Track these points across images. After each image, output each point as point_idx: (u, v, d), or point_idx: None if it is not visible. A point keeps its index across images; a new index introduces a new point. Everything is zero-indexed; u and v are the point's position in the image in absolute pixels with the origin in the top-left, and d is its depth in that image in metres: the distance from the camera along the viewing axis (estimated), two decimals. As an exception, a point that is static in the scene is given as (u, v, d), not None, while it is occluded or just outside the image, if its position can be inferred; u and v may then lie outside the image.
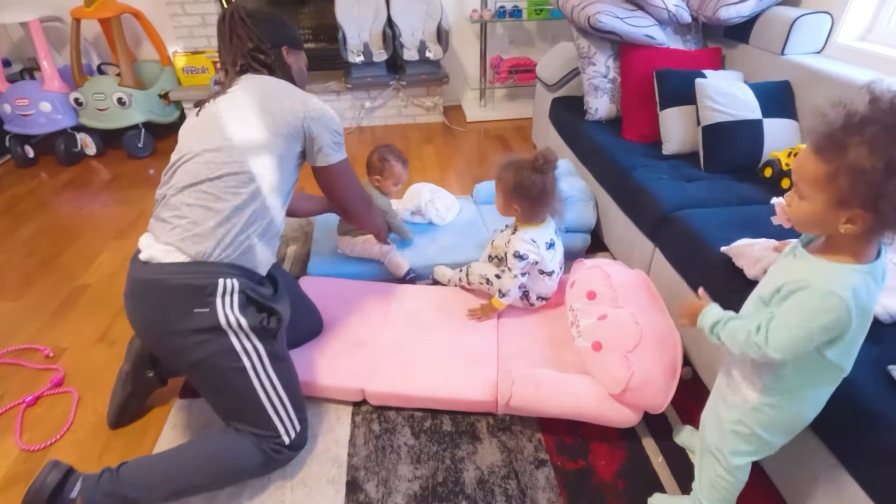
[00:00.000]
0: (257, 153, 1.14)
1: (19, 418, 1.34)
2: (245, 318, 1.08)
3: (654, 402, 1.18)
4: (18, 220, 2.32)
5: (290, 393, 1.15)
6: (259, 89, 1.18)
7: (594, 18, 1.90)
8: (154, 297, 1.08)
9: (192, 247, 1.07)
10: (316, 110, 1.18)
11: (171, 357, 1.17)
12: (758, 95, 1.70)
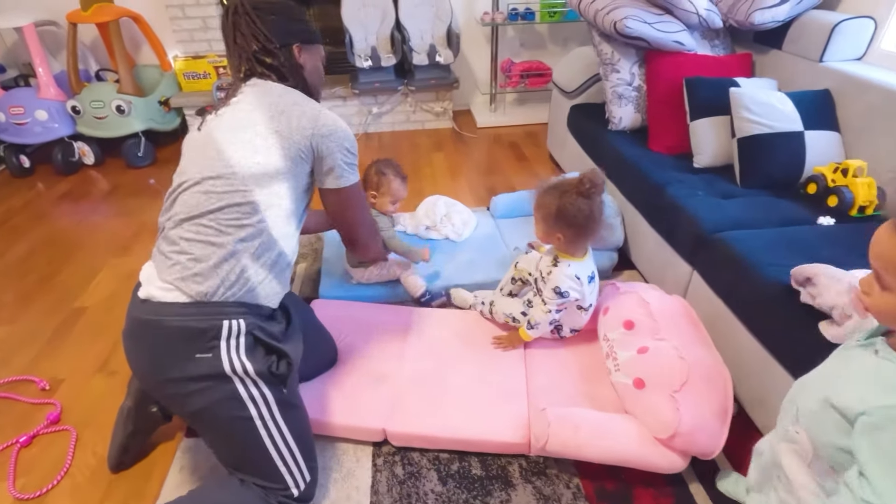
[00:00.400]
0: (263, 180, 1.03)
1: (13, 461, 1.24)
2: (252, 363, 0.98)
3: (706, 447, 1.09)
4: (14, 234, 2.22)
5: (300, 442, 1.05)
6: (264, 101, 1.06)
7: (621, 24, 1.80)
8: (153, 340, 0.98)
9: (193, 287, 0.97)
10: (327, 126, 1.06)
11: (171, 404, 1.09)
12: (797, 105, 1.60)
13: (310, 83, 1.18)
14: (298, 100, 1.09)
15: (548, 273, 1.33)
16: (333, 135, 1.07)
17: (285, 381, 1.03)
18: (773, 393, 1.16)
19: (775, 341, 1.15)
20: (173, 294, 0.97)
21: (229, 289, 0.99)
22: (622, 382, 1.23)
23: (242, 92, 1.08)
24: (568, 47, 3.31)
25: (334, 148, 1.07)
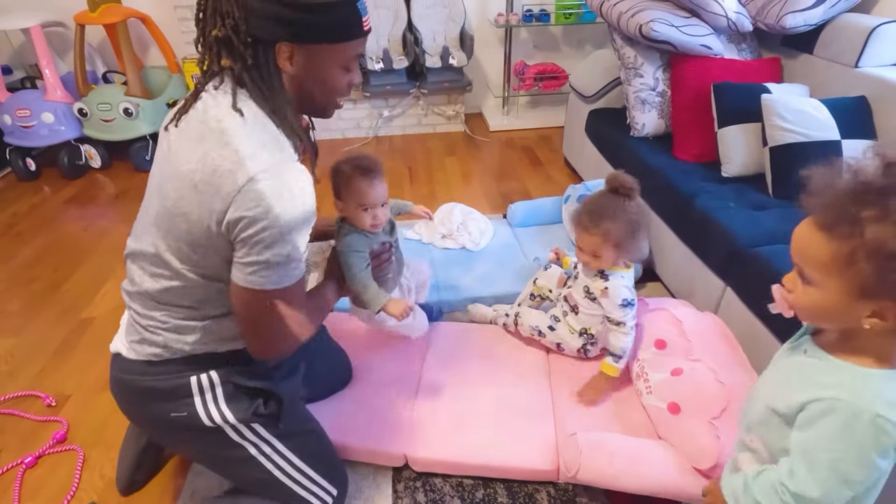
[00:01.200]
0: (164, 247, 0.83)
1: (17, 483, 1.19)
2: (234, 413, 0.90)
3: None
4: (20, 240, 2.17)
5: (315, 463, 0.99)
6: (186, 136, 0.78)
7: (647, 27, 1.74)
8: (127, 397, 0.94)
9: (147, 348, 0.88)
10: (251, 208, 0.72)
11: (170, 447, 1.05)
12: (832, 113, 1.53)
13: (303, 99, 0.84)
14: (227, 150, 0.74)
15: (603, 290, 1.24)
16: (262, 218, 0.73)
17: (279, 417, 0.95)
18: (816, 419, 1.09)
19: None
20: (138, 350, 0.89)
21: (188, 344, 0.87)
22: (655, 406, 1.17)
23: (194, 107, 0.80)
24: (583, 49, 3.25)
25: (256, 234, 0.74)
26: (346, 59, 0.83)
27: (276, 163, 0.75)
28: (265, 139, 0.77)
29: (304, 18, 0.75)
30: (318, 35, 0.78)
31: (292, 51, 0.78)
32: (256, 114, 0.78)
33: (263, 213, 0.72)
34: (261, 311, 0.82)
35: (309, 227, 0.79)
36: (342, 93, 0.87)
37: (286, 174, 0.75)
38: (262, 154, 0.74)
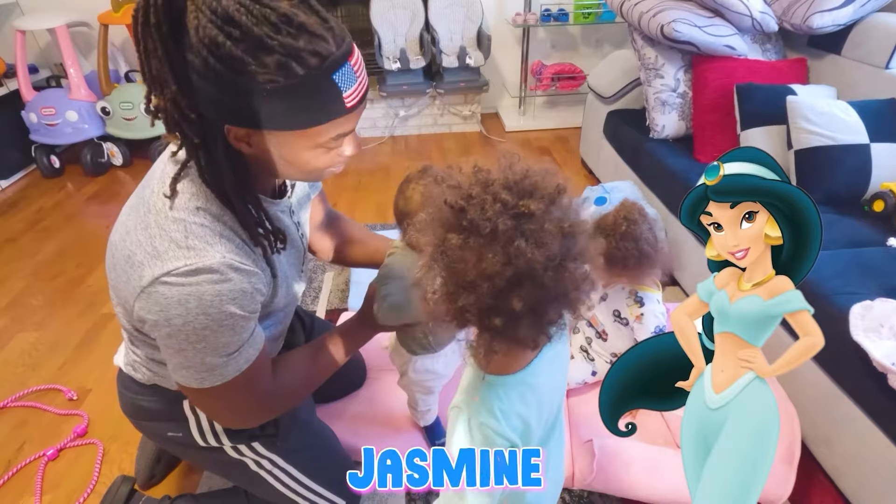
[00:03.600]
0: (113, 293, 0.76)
1: (40, 475, 1.22)
2: (229, 437, 0.88)
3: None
4: (44, 235, 2.22)
5: (318, 478, 0.98)
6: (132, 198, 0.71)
7: (669, 27, 1.71)
8: (127, 410, 0.93)
9: (140, 373, 0.86)
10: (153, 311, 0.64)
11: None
12: (861, 115, 1.49)
13: (274, 174, 0.70)
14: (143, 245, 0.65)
15: (638, 317, 1.18)
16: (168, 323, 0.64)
17: (276, 436, 0.92)
18: (841, 430, 1.07)
19: (845, 374, 1.05)
20: (131, 372, 0.88)
21: (174, 385, 0.80)
22: (674, 414, 1.15)
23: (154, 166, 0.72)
24: (601, 49, 3.21)
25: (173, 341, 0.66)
26: (324, 141, 0.65)
27: (192, 262, 0.63)
28: (195, 227, 0.64)
29: (250, 105, 0.58)
30: (274, 122, 0.61)
31: (247, 133, 0.62)
32: (198, 193, 0.66)
33: (164, 320, 0.64)
34: (210, 405, 0.76)
35: (234, 336, 0.68)
36: (327, 170, 0.70)
37: (201, 274, 0.63)
38: (178, 250, 0.63)
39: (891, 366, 0.89)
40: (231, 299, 0.65)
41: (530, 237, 0.48)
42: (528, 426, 0.61)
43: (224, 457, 0.91)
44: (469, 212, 0.49)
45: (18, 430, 1.34)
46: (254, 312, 0.71)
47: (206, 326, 0.65)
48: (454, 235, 0.50)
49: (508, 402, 0.59)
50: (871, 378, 0.96)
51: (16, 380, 1.49)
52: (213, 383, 0.70)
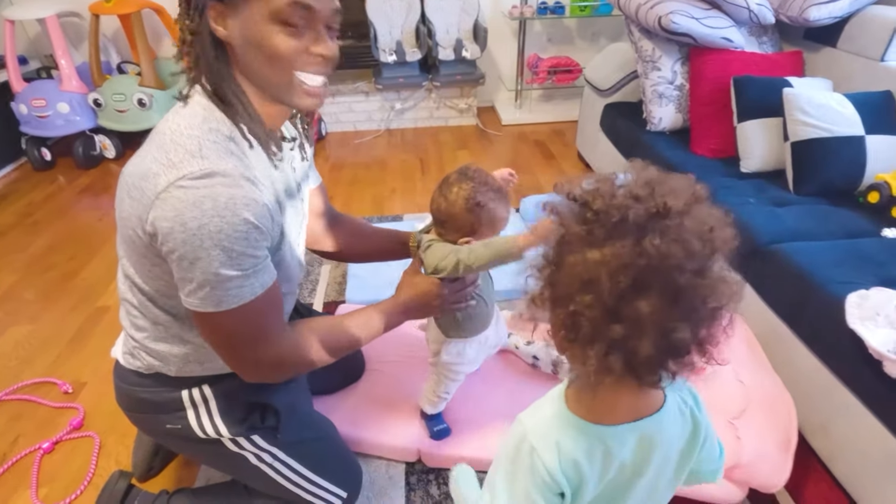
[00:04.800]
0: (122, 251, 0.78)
1: (35, 468, 1.21)
2: (228, 427, 0.87)
3: (768, 480, 1.01)
4: (35, 229, 2.19)
5: (321, 469, 0.97)
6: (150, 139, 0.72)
7: (666, 19, 1.71)
8: (125, 403, 0.92)
9: (137, 362, 0.86)
10: (168, 218, 0.65)
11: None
12: (857, 108, 1.49)
13: (251, 76, 0.72)
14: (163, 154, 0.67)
15: None
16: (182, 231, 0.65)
17: (277, 428, 0.91)
18: (837, 419, 1.08)
19: (841, 362, 1.06)
20: (130, 361, 0.87)
21: (172, 371, 0.84)
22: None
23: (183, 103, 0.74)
24: (597, 43, 3.21)
25: (189, 254, 0.66)
26: (277, 9, 0.66)
27: (206, 166, 0.65)
28: (206, 141, 0.68)
29: None
30: None
31: (219, 10, 0.67)
32: (209, 109, 0.70)
33: (179, 224, 0.64)
34: (219, 337, 0.75)
35: (248, 249, 0.68)
36: (294, 62, 0.69)
37: (214, 178, 0.65)
38: (192, 157, 0.66)
39: (886, 353, 0.90)
40: (244, 205, 0.66)
41: (666, 233, 0.42)
42: (583, 481, 0.54)
43: (223, 450, 0.90)
44: (595, 202, 0.44)
45: (13, 424, 1.32)
46: (267, 230, 0.71)
47: (221, 230, 0.65)
48: (575, 226, 0.45)
49: (573, 445, 0.52)
50: (867, 366, 0.97)
51: (9, 373, 1.47)
52: (229, 305, 0.69)
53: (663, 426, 0.54)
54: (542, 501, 0.54)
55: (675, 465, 0.58)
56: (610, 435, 0.53)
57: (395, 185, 2.49)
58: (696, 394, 0.58)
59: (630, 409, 0.53)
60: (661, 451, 0.55)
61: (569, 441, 0.53)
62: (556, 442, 0.53)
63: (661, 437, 0.54)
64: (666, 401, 0.55)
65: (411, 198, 2.37)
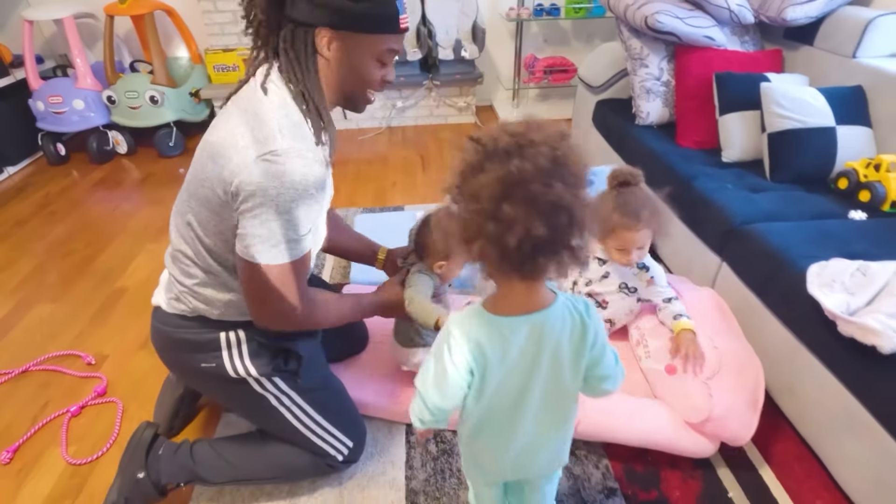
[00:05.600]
0: (188, 207, 0.91)
1: (64, 429, 1.31)
2: (257, 367, 1.00)
3: (737, 433, 1.11)
4: (53, 219, 2.30)
5: (331, 417, 1.08)
6: (224, 114, 0.87)
7: (652, 19, 1.82)
8: (164, 346, 1.05)
9: (182, 306, 0.98)
10: (252, 184, 0.79)
11: (203, 393, 1.21)
12: (829, 101, 1.60)
13: (335, 87, 0.89)
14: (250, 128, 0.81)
15: (649, 280, 1.28)
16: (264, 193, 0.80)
17: (297, 373, 1.04)
18: (802, 381, 1.17)
19: (804, 328, 1.16)
20: (174, 305, 0.99)
21: (216, 310, 0.97)
22: (653, 369, 1.25)
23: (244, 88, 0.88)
24: (592, 44, 3.32)
25: (261, 212, 0.81)
26: (381, 52, 0.87)
27: (286, 148, 0.80)
28: (284, 125, 0.82)
29: (347, 6, 0.81)
30: (357, 24, 0.83)
31: (331, 37, 0.83)
32: (284, 100, 0.84)
33: (261, 190, 0.79)
34: (258, 285, 0.87)
35: (310, 214, 0.85)
36: (374, 86, 0.92)
37: (293, 158, 0.80)
38: (275, 137, 0.80)
39: (839, 314, 1.00)
40: (311, 183, 0.83)
41: (525, 156, 0.56)
42: (487, 361, 0.68)
43: (248, 389, 1.01)
44: (482, 140, 0.59)
45: (42, 391, 1.42)
46: (321, 205, 0.87)
47: (293, 199, 0.81)
48: (472, 158, 0.59)
49: (478, 330, 0.67)
50: (825, 328, 1.06)
51: (36, 347, 1.57)
52: (281, 260, 0.85)
53: (550, 320, 0.68)
54: (456, 374, 0.69)
55: (570, 361, 0.71)
56: (506, 324, 0.67)
57: (395, 178, 2.59)
58: (590, 305, 0.72)
59: (522, 305, 0.67)
60: (549, 341, 0.68)
61: (475, 327, 0.68)
62: (468, 328, 0.68)
63: (549, 329, 0.68)
64: (556, 302, 0.68)
65: (412, 191, 2.47)
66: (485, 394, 0.72)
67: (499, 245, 0.57)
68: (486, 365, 0.69)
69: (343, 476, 1.17)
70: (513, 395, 0.72)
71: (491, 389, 0.71)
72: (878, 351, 0.94)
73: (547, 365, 0.70)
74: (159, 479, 1.04)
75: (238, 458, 1.08)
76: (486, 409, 0.74)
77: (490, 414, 0.75)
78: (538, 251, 0.58)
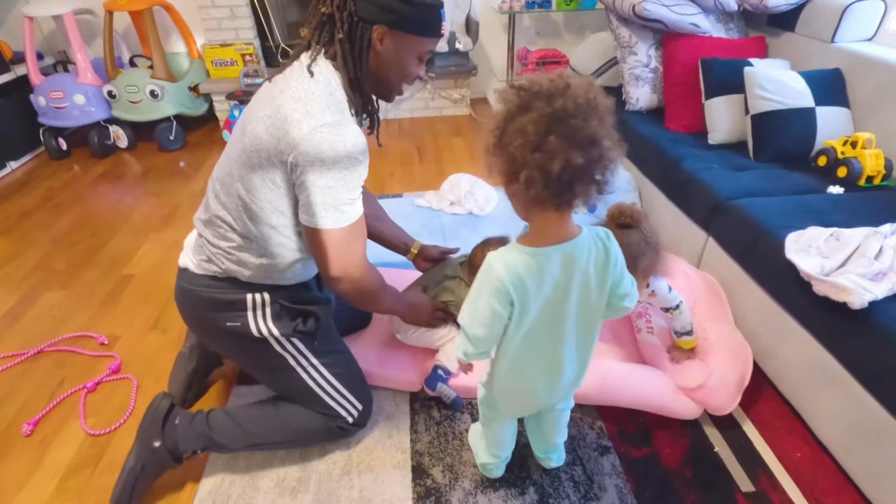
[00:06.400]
0: (237, 176, 0.98)
1: (81, 404, 1.36)
2: (278, 328, 1.07)
3: (722, 404, 1.18)
4: (57, 211, 2.34)
5: (343, 380, 1.15)
6: (271, 90, 0.95)
7: (640, 7, 1.88)
8: (190, 306, 1.11)
9: (213, 267, 1.06)
10: (311, 154, 0.89)
11: (224, 355, 1.27)
12: (809, 83, 1.67)
13: (378, 77, 1.00)
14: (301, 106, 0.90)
15: (650, 294, 1.26)
16: (320, 162, 0.90)
17: (314, 335, 1.12)
18: (781, 343, 1.25)
19: (782, 292, 1.23)
20: (204, 266, 1.07)
21: (245, 276, 1.05)
22: (652, 342, 1.33)
23: (287, 69, 0.97)
24: (583, 36, 3.38)
25: (319, 179, 0.91)
26: (423, 52, 1.00)
27: (335, 121, 0.91)
28: (330, 101, 0.93)
29: (405, 10, 0.93)
30: (409, 25, 0.95)
31: (385, 34, 0.94)
32: (329, 81, 0.94)
33: (319, 160, 0.89)
34: (325, 249, 0.97)
35: (359, 177, 0.96)
36: (410, 80, 1.04)
37: (343, 129, 0.91)
38: (325, 112, 0.91)
39: (814, 274, 1.07)
40: (360, 151, 0.93)
41: (567, 96, 0.65)
42: (526, 291, 0.75)
43: (268, 349, 1.08)
44: (525, 85, 0.68)
45: (57, 370, 1.48)
46: (366, 169, 0.97)
47: (347, 167, 0.91)
48: (514, 100, 0.67)
49: (517, 262, 0.74)
50: (801, 290, 1.14)
51: (48, 329, 1.62)
52: (342, 224, 0.95)
53: (579, 247, 0.76)
54: (497, 305, 0.77)
55: (596, 283, 0.79)
56: (542, 253, 0.75)
57: (393, 168, 2.65)
58: (609, 232, 0.80)
59: (555, 235, 0.75)
60: (579, 266, 0.76)
61: (514, 260, 0.75)
62: (506, 260, 0.75)
63: (578, 256, 0.76)
64: (582, 232, 0.77)
65: (410, 179, 2.53)
66: (524, 323, 0.79)
67: (543, 172, 0.65)
68: (525, 295, 0.76)
69: (351, 441, 1.23)
70: (549, 321, 0.80)
71: (530, 318, 0.78)
72: (849, 307, 1.02)
73: (577, 289, 0.78)
74: (176, 447, 1.10)
75: (253, 423, 1.14)
76: (525, 338, 0.81)
77: (529, 343, 0.82)
78: (576, 179, 0.66)
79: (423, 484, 1.14)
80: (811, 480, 1.12)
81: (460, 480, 1.14)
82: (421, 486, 1.14)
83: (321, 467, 1.18)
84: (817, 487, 1.10)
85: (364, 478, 1.16)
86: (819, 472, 1.13)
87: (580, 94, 0.65)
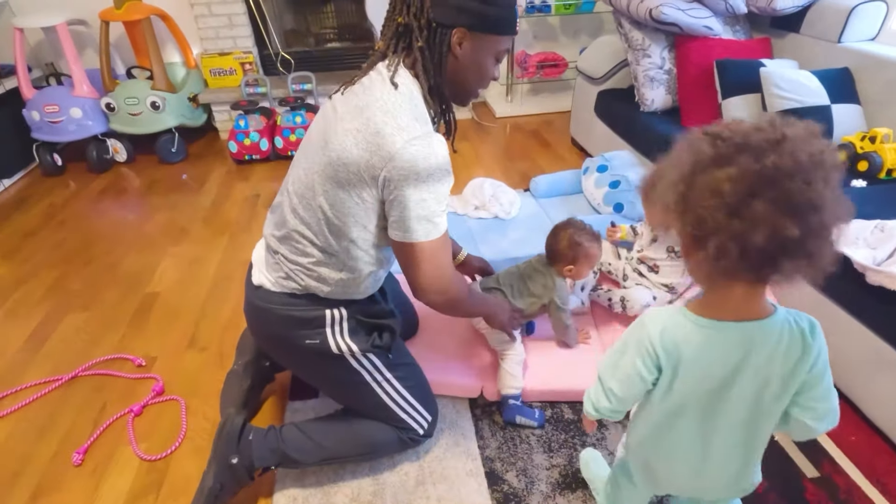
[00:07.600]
0: (321, 190, 0.96)
1: (130, 428, 1.31)
2: (356, 343, 1.06)
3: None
4: (63, 228, 2.25)
5: (414, 392, 1.15)
6: (353, 103, 0.93)
7: (657, 11, 1.94)
8: (266, 324, 1.09)
9: (292, 284, 1.04)
10: (405, 168, 0.87)
11: (295, 372, 1.25)
12: (822, 82, 1.75)
13: (456, 81, 0.97)
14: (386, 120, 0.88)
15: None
16: (412, 177, 0.88)
17: (390, 349, 1.12)
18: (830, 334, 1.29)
19: (833, 285, 1.28)
20: (282, 283, 1.04)
21: (324, 292, 1.03)
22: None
23: (361, 81, 0.95)
24: (579, 39, 3.45)
25: (410, 194, 0.89)
26: (499, 51, 0.97)
27: (425, 132, 0.90)
28: (416, 113, 0.92)
29: (483, 10, 0.90)
30: (488, 25, 0.92)
31: (464, 36, 0.92)
32: (412, 92, 0.93)
33: (414, 172, 0.88)
34: (418, 262, 0.96)
35: (448, 188, 0.94)
36: (486, 83, 1.01)
37: (432, 142, 0.89)
38: (415, 124, 0.89)
39: (869, 265, 1.12)
40: (447, 162, 0.93)
41: (781, 153, 0.51)
42: (680, 359, 0.64)
43: (346, 364, 1.06)
44: (724, 133, 0.55)
45: (97, 394, 1.42)
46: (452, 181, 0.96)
47: (439, 179, 0.91)
48: (707, 150, 0.54)
49: (677, 328, 0.62)
50: (853, 281, 1.19)
51: (78, 354, 1.56)
52: (434, 236, 0.94)
53: (766, 333, 0.61)
54: (642, 366, 0.67)
55: (779, 379, 0.64)
56: (713, 327, 0.62)
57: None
58: (816, 324, 0.64)
59: (735, 311, 0.61)
60: (760, 354, 0.62)
61: (674, 325, 0.65)
62: (664, 323, 0.66)
63: (761, 341, 0.61)
64: (776, 314, 0.62)
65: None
66: (673, 392, 0.68)
67: (741, 243, 0.53)
68: (678, 365, 0.65)
69: (420, 450, 1.22)
70: (704, 405, 0.67)
71: (679, 394, 0.67)
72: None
73: (750, 381, 0.64)
74: (251, 463, 1.08)
75: (326, 437, 1.12)
76: (669, 413, 0.70)
77: (674, 420, 0.70)
78: (784, 253, 0.53)
79: (501, 490, 1.14)
80: (869, 463, 1.17)
81: (536, 484, 1.15)
82: (498, 492, 1.14)
83: (394, 479, 1.17)
84: (876, 469, 1.15)
85: (439, 487, 1.15)
86: (876, 454, 1.18)
87: (800, 149, 0.52)
